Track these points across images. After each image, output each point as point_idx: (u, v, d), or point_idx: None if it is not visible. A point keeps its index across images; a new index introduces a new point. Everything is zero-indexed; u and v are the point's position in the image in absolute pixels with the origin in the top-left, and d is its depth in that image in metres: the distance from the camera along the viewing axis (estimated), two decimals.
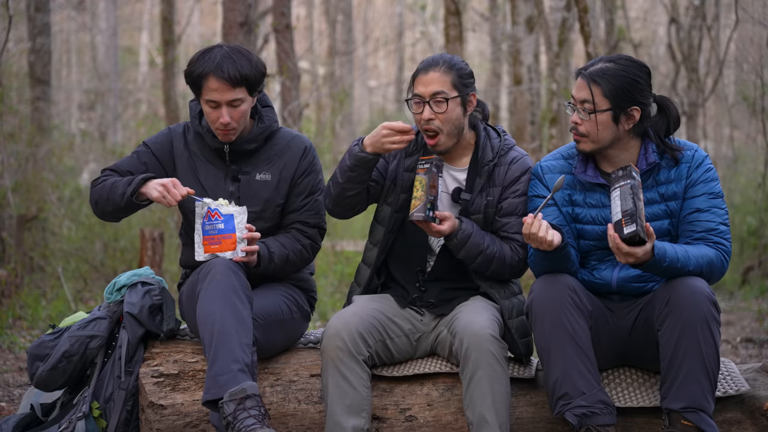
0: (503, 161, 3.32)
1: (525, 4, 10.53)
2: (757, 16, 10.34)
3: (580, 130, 3.13)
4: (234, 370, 3.00)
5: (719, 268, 3.07)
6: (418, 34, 21.09)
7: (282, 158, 3.44)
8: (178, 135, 3.46)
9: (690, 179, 3.13)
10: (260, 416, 2.94)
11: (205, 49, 3.36)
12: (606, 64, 3.11)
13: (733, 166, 14.32)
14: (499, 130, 3.39)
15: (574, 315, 3.02)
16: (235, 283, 3.15)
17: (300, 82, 10.09)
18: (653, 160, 3.13)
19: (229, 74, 3.25)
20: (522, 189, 3.30)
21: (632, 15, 17.65)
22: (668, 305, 2.96)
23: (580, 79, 3.14)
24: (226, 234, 3.23)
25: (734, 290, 9.30)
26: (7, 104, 9.22)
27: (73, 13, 18.27)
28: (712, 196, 3.12)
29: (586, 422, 2.98)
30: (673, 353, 2.95)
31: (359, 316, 3.21)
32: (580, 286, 3.11)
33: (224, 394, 2.97)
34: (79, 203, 10.36)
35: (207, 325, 3.09)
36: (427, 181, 3.14)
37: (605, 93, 3.07)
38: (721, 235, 3.09)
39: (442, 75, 3.22)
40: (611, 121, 3.10)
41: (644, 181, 3.14)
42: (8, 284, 7.30)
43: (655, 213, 3.15)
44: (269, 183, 3.41)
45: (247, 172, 3.41)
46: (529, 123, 10.95)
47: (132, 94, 21.57)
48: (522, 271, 3.33)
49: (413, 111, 3.27)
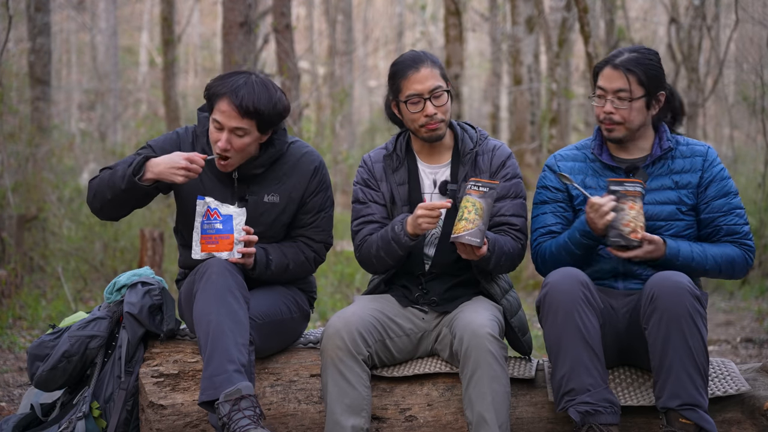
0: (484, 149, 3.38)
1: (525, 4, 10.53)
2: (757, 16, 10.34)
3: (615, 119, 3.22)
4: (230, 370, 3.00)
5: (742, 265, 3.21)
6: (418, 34, 21.07)
7: (291, 178, 3.38)
8: (187, 143, 3.37)
9: (706, 175, 3.24)
10: (255, 417, 2.94)
11: (237, 71, 3.30)
12: (632, 53, 3.23)
13: (733, 166, 14.30)
14: (470, 124, 3.46)
15: (587, 312, 3.03)
16: (231, 283, 3.15)
17: (300, 82, 10.09)
18: (667, 145, 3.24)
19: (242, 102, 3.17)
20: (511, 172, 3.36)
21: (632, 15, 17.65)
22: (652, 303, 2.99)
23: (611, 69, 3.22)
24: (224, 234, 3.23)
25: (734, 290, 9.30)
26: (7, 104, 9.22)
27: (73, 13, 18.27)
28: (730, 197, 3.23)
29: (588, 420, 2.98)
30: (662, 351, 2.97)
31: (359, 316, 3.22)
32: (592, 283, 3.14)
33: (220, 395, 2.97)
34: (79, 203, 10.36)
35: (202, 326, 3.08)
36: (485, 206, 3.08)
37: (640, 80, 3.20)
38: (746, 236, 3.22)
39: (432, 70, 3.28)
40: (644, 107, 3.22)
41: (658, 167, 3.26)
42: (8, 284, 7.30)
43: (668, 197, 3.24)
44: (277, 205, 3.37)
45: (254, 192, 3.35)
46: (529, 123, 10.96)
47: (132, 94, 21.58)
48: (521, 258, 3.36)
49: (411, 110, 3.28)
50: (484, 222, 3.07)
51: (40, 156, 9.74)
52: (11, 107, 9.47)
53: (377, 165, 3.42)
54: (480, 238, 3.06)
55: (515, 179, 3.37)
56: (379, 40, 24.42)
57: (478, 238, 3.06)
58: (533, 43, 10.95)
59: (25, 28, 10.94)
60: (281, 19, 9.33)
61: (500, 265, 3.27)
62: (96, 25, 19.78)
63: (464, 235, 3.07)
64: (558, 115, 10.68)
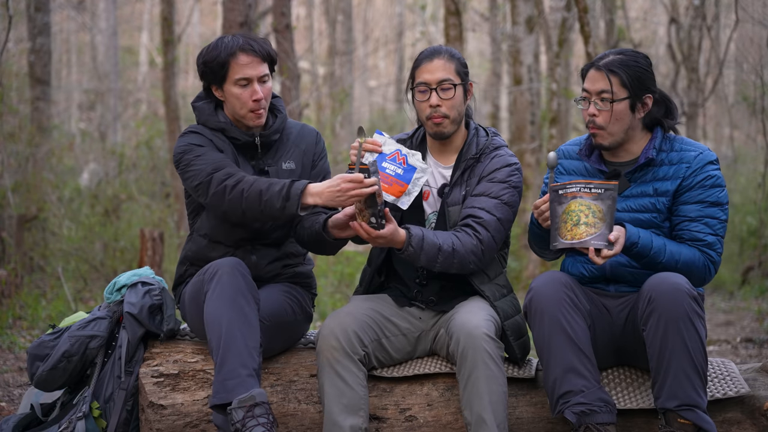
0: (487, 156, 3.34)
1: (525, 4, 10.53)
2: (757, 16, 10.34)
3: (597, 122, 3.18)
4: (243, 375, 3.01)
5: (701, 270, 3.10)
6: (418, 34, 21.05)
7: (300, 146, 3.47)
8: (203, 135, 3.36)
9: (686, 182, 3.15)
10: (269, 424, 2.95)
11: (219, 38, 3.38)
12: (617, 56, 3.19)
13: (733, 166, 14.31)
14: (489, 132, 3.41)
15: (572, 314, 3.04)
16: (242, 284, 3.14)
17: (300, 82, 10.08)
18: (651, 155, 3.18)
19: (258, 49, 3.30)
20: (499, 176, 3.28)
21: (632, 15, 17.64)
22: (650, 304, 2.98)
23: (594, 71, 3.19)
24: (400, 180, 3.17)
25: (734, 290, 9.31)
26: (7, 104, 9.22)
27: (73, 13, 18.26)
28: (706, 205, 3.14)
29: (585, 420, 2.98)
30: (660, 352, 2.97)
31: (354, 316, 3.22)
32: (577, 284, 3.14)
33: (233, 399, 2.98)
34: (79, 203, 10.36)
35: (215, 329, 3.08)
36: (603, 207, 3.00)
37: (623, 82, 3.15)
38: (710, 246, 3.12)
39: (446, 63, 3.28)
40: (628, 109, 3.17)
41: (642, 175, 3.20)
42: (8, 284, 7.30)
43: (644, 205, 3.19)
44: (295, 171, 3.44)
45: (272, 164, 3.42)
46: (529, 123, 10.95)
47: (132, 94, 21.57)
48: (489, 255, 3.25)
49: (418, 99, 3.30)
50: (608, 225, 3.00)
51: (40, 156, 9.74)
52: (11, 107, 9.48)
53: None
54: (605, 241, 3.00)
55: (502, 184, 3.27)
56: (379, 40, 24.41)
57: (604, 240, 3.00)
58: (533, 43, 10.95)
59: (25, 28, 10.93)
60: (281, 19, 9.33)
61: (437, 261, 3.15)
62: (96, 25, 19.77)
63: (589, 240, 2.99)
64: (558, 115, 10.68)
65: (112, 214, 10.30)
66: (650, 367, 3.02)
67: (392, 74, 25.21)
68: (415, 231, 3.14)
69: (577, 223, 3.01)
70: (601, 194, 3.01)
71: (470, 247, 3.19)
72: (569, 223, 3.02)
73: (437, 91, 3.26)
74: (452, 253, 3.16)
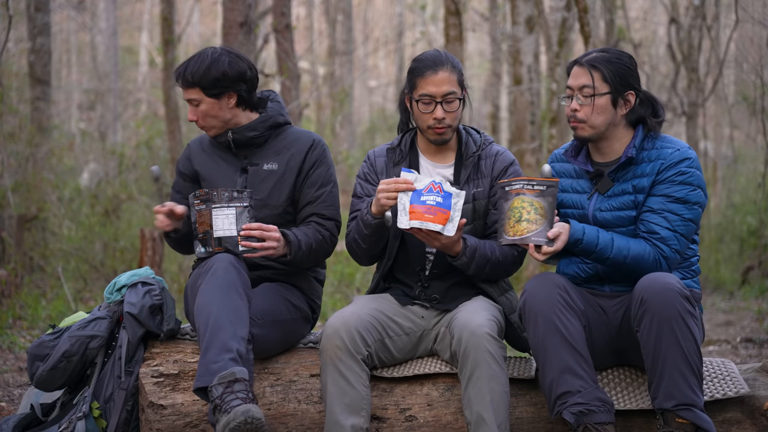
0: (487, 154, 3.40)
1: (525, 4, 10.53)
2: (757, 16, 10.34)
3: (578, 117, 3.21)
4: (226, 358, 3.01)
5: (651, 266, 3.10)
6: (418, 34, 21.05)
7: (289, 150, 3.51)
8: (197, 145, 3.61)
9: (659, 176, 3.17)
10: (247, 399, 2.93)
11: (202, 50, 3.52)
12: (600, 53, 3.23)
13: (733, 166, 14.32)
14: (476, 129, 3.48)
15: (566, 314, 3.05)
16: (236, 278, 3.17)
17: (300, 82, 10.08)
18: (631, 154, 3.19)
19: (183, 76, 3.42)
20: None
21: (632, 15, 17.65)
22: (642, 305, 2.98)
23: (577, 67, 3.24)
24: (442, 209, 3.18)
25: (734, 290, 9.31)
26: (7, 104, 9.22)
27: (73, 13, 18.27)
28: (670, 200, 3.14)
29: (583, 420, 2.98)
30: (654, 352, 2.97)
31: (357, 315, 3.22)
32: (571, 284, 3.15)
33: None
34: (79, 203, 10.36)
35: (203, 316, 3.10)
36: (545, 204, 3.04)
37: (604, 77, 3.18)
38: (663, 240, 3.11)
39: (450, 75, 3.29)
40: (610, 104, 3.20)
41: (624, 174, 3.22)
42: (8, 284, 7.30)
43: (624, 203, 3.21)
44: (275, 172, 3.48)
45: (255, 163, 3.50)
46: (529, 123, 10.95)
47: (132, 94, 21.57)
48: (518, 265, 3.37)
49: (421, 110, 3.30)
50: (549, 221, 3.04)
51: (40, 156, 9.73)
52: (11, 107, 9.47)
53: (380, 159, 3.45)
54: (545, 237, 3.03)
55: None
56: (379, 40, 24.41)
57: (544, 237, 3.03)
58: (533, 43, 10.94)
59: (25, 28, 10.93)
60: (281, 19, 9.33)
61: (484, 271, 3.27)
62: (96, 25, 19.78)
63: (530, 236, 3.04)
64: (558, 115, 10.67)
65: (112, 214, 10.29)
66: (646, 368, 3.03)
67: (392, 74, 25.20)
68: (471, 241, 3.22)
69: (519, 220, 3.06)
70: (543, 191, 3.05)
71: (509, 258, 3.31)
72: (512, 219, 3.07)
73: (442, 105, 3.28)
74: (499, 264, 3.29)
